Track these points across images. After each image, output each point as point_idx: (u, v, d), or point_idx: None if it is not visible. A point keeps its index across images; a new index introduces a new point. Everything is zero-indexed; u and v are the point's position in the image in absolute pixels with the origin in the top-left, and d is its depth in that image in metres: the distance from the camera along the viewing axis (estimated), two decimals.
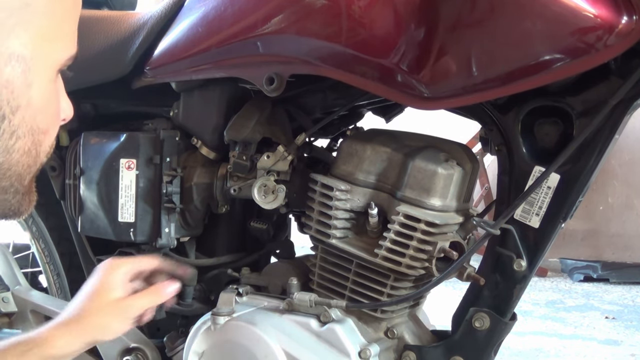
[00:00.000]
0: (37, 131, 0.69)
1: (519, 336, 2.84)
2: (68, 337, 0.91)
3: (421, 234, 0.91)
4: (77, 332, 0.92)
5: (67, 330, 0.92)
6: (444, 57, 0.82)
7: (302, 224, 1.06)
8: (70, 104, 0.81)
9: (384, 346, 0.98)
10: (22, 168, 0.70)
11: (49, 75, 0.71)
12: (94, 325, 0.93)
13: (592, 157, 0.89)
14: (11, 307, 1.34)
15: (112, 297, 0.94)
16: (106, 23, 1.16)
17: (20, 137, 0.67)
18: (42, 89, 0.69)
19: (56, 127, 0.76)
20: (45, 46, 0.68)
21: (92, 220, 1.17)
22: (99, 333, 0.94)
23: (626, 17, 0.75)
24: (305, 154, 1.11)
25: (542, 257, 0.94)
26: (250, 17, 0.95)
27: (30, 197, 0.75)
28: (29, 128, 0.68)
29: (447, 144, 0.98)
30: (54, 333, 0.91)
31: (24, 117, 0.67)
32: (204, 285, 1.15)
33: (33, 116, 0.68)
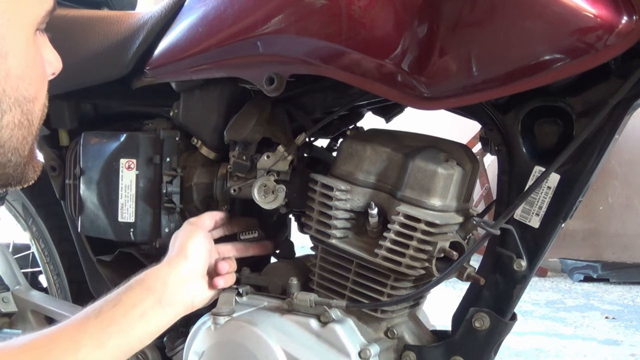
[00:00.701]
0: (23, 101, 0.66)
1: (519, 336, 2.84)
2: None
3: (421, 234, 0.91)
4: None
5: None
6: (444, 57, 0.82)
7: (302, 224, 1.06)
8: (57, 55, 0.74)
9: (384, 346, 0.98)
10: (16, 142, 0.66)
11: (26, 37, 0.65)
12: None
13: (592, 157, 0.89)
14: (11, 307, 1.34)
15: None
16: (106, 23, 1.16)
17: (6, 112, 0.64)
18: (21, 56, 0.64)
19: (44, 89, 0.71)
20: (18, 7, 0.63)
21: (92, 220, 1.17)
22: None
23: (626, 17, 0.75)
24: (305, 154, 1.11)
25: (542, 257, 0.94)
26: (250, 17, 0.95)
27: (35, 165, 0.72)
28: (13, 100, 0.64)
29: (447, 144, 0.98)
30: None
31: (4, 90, 0.63)
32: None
33: (15, 86, 0.64)
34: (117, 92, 1.17)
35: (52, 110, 1.25)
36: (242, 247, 1.07)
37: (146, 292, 0.90)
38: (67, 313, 1.28)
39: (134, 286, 0.91)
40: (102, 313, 0.86)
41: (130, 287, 0.91)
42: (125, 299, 0.89)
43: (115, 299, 0.88)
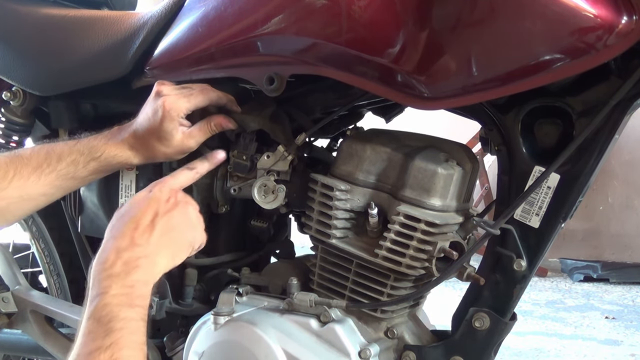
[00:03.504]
0: None
1: (519, 336, 2.84)
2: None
3: (421, 234, 0.91)
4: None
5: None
6: (444, 57, 0.82)
7: (302, 224, 1.06)
8: None
9: (384, 346, 0.98)
10: None
11: None
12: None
13: (592, 157, 0.89)
14: (11, 307, 1.34)
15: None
16: (106, 23, 1.16)
17: None
18: None
19: None
20: None
21: (92, 220, 1.17)
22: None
23: (626, 17, 0.75)
24: (305, 154, 1.11)
25: (542, 257, 0.94)
26: (250, 17, 0.95)
27: None
28: None
29: (447, 144, 0.98)
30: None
31: None
32: (204, 285, 1.15)
33: None
34: (117, 92, 1.17)
35: (52, 110, 1.26)
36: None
37: None
38: (67, 313, 1.28)
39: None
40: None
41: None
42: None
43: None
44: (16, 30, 1.24)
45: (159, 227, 0.87)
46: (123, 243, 0.85)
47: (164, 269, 0.87)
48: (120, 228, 0.87)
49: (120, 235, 0.86)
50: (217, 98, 1.00)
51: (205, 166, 1.01)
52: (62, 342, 1.31)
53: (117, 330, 0.76)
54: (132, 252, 0.84)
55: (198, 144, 1.01)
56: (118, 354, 0.74)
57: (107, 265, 0.82)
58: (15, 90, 1.26)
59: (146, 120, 0.99)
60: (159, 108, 0.97)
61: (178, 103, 0.97)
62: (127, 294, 0.80)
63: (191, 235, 0.92)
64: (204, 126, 1.00)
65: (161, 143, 0.99)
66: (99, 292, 0.80)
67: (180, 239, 0.90)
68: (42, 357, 1.38)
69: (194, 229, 0.93)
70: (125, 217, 0.88)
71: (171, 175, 0.97)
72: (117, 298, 0.79)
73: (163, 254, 0.87)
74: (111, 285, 0.80)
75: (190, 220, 0.92)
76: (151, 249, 0.85)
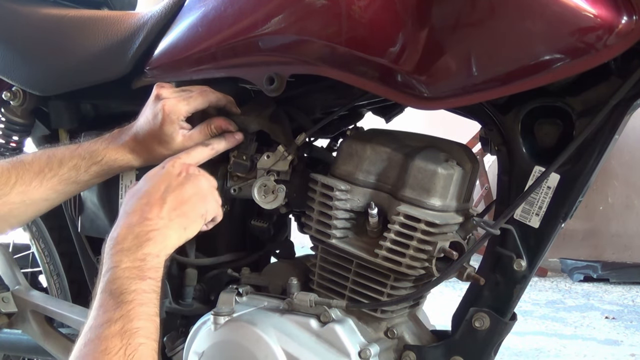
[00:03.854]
0: None
1: (519, 336, 2.84)
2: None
3: (421, 234, 0.91)
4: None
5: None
6: (444, 57, 0.82)
7: (302, 224, 1.06)
8: None
9: (384, 346, 0.98)
10: None
11: None
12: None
13: (592, 157, 0.89)
14: (11, 307, 1.34)
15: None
16: (106, 23, 1.16)
17: None
18: None
19: None
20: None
21: (92, 220, 1.17)
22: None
23: (626, 17, 0.75)
24: (305, 154, 1.11)
25: (542, 257, 0.94)
26: (250, 17, 0.95)
27: None
28: None
29: (447, 144, 0.98)
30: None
31: None
32: (204, 285, 1.15)
33: None
34: (117, 92, 1.17)
35: (52, 110, 1.26)
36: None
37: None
38: (67, 313, 1.28)
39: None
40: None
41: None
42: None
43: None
44: (16, 30, 1.24)
45: (170, 200, 0.88)
46: (134, 218, 0.86)
47: (177, 242, 0.88)
48: (131, 204, 0.88)
49: (131, 211, 0.87)
50: (217, 100, 1.01)
51: (222, 144, 1.01)
52: (62, 342, 1.31)
53: (128, 303, 0.77)
54: (143, 226, 0.85)
55: None
56: (129, 325, 0.75)
57: (119, 240, 0.84)
58: (15, 90, 1.26)
59: (146, 124, 0.99)
60: (158, 111, 0.97)
61: (178, 106, 0.97)
62: (138, 267, 0.81)
63: (203, 207, 0.92)
64: (204, 129, 1.00)
65: (162, 146, 0.99)
66: (111, 267, 0.81)
67: (192, 212, 0.90)
68: (42, 357, 1.38)
69: (206, 201, 0.93)
70: (137, 193, 0.89)
71: (185, 151, 0.98)
72: (128, 271, 0.80)
73: (174, 227, 0.87)
74: (122, 260, 0.81)
75: (202, 193, 0.92)
76: (162, 223, 0.86)
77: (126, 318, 0.76)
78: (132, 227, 0.85)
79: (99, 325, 0.75)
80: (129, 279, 0.80)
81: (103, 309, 0.77)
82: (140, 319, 0.77)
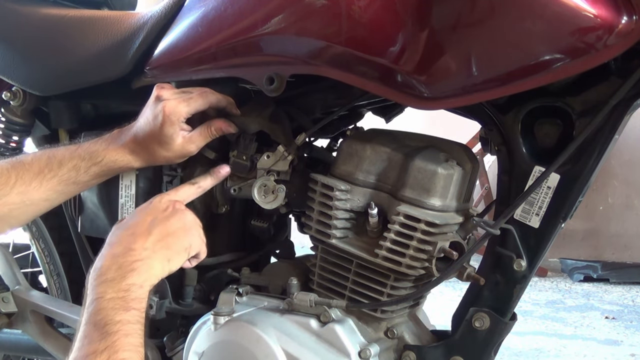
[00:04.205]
0: None
1: (519, 336, 2.84)
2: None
3: (421, 234, 0.91)
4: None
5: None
6: (444, 57, 0.82)
7: (302, 224, 1.06)
8: None
9: (384, 346, 0.98)
10: None
11: None
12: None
13: (592, 157, 0.89)
14: (11, 307, 1.34)
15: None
16: (106, 23, 1.16)
17: None
18: None
19: None
20: None
21: (92, 220, 1.17)
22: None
23: (626, 17, 0.75)
24: (305, 154, 1.11)
25: (542, 257, 0.94)
26: (250, 17, 0.95)
27: None
28: None
29: (447, 144, 0.98)
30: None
31: None
32: (204, 285, 1.15)
33: None
34: (117, 92, 1.17)
35: (52, 110, 1.26)
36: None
37: None
38: (67, 313, 1.28)
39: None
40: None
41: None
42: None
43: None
44: (16, 30, 1.24)
45: (155, 232, 0.89)
46: (118, 249, 0.86)
47: (160, 273, 0.88)
48: (116, 235, 0.89)
49: (116, 242, 0.88)
50: (217, 101, 1.01)
51: (208, 182, 1.02)
52: (62, 342, 1.31)
53: (113, 334, 0.77)
54: (127, 257, 0.85)
55: (198, 148, 1.01)
56: (114, 357, 0.75)
57: (103, 271, 0.84)
58: (15, 90, 1.26)
59: (146, 125, 0.99)
60: (159, 113, 0.97)
61: (178, 108, 0.97)
62: (122, 297, 0.81)
63: (187, 241, 0.93)
64: (204, 131, 1.00)
65: (162, 147, 0.99)
66: (95, 298, 0.81)
67: (176, 244, 0.91)
68: (42, 357, 1.38)
69: (190, 235, 0.94)
70: (123, 226, 0.90)
71: (174, 189, 0.99)
72: (113, 302, 0.80)
73: (158, 258, 0.88)
74: (106, 291, 0.81)
75: (187, 227, 0.94)
76: (146, 253, 0.87)
77: (111, 349, 0.76)
78: (116, 257, 0.85)
79: (84, 357, 0.75)
80: (113, 310, 0.79)
81: (87, 339, 0.77)
82: (125, 350, 0.76)
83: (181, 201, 0.97)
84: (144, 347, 0.80)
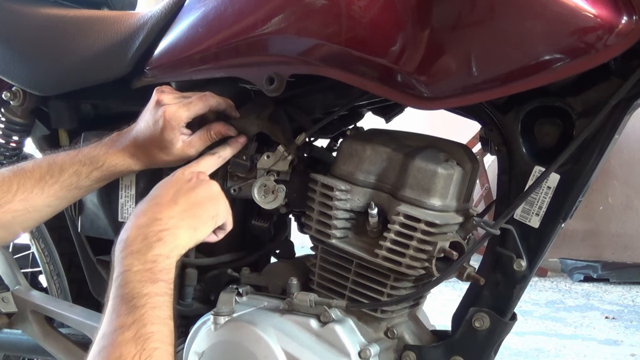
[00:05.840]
0: None
1: (519, 336, 2.84)
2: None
3: (421, 234, 0.91)
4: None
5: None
6: (444, 57, 0.82)
7: (302, 224, 1.06)
8: None
9: (384, 346, 0.98)
10: None
11: None
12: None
13: (592, 157, 0.89)
14: (11, 307, 1.34)
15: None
16: (106, 23, 1.16)
17: None
18: None
19: None
20: None
21: (92, 220, 1.17)
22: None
23: (626, 17, 0.75)
24: (305, 154, 1.11)
25: (542, 257, 0.94)
26: (250, 17, 0.95)
27: None
28: None
29: (447, 144, 0.98)
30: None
31: None
32: (204, 285, 1.15)
33: None
34: (117, 92, 1.17)
35: (52, 110, 1.26)
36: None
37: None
38: (67, 313, 1.28)
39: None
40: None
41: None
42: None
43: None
44: (16, 30, 1.24)
45: (181, 202, 0.88)
46: (143, 219, 0.86)
47: (187, 243, 0.88)
48: (141, 207, 0.88)
49: (140, 213, 0.87)
50: (217, 104, 1.01)
51: (227, 151, 1.02)
52: (62, 342, 1.31)
53: (140, 307, 0.77)
54: (153, 226, 0.85)
55: (198, 152, 1.01)
56: (143, 330, 0.75)
57: (128, 243, 0.83)
58: (15, 90, 1.26)
59: (146, 129, 0.99)
60: (159, 118, 0.97)
61: (178, 113, 0.97)
62: (149, 269, 0.81)
63: (214, 209, 0.92)
64: (204, 135, 1.01)
65: (162, 151, 0.99)
66: (122, 271, 0.81)
67: (203, 213, 0.90)
68: (42, 357, 1.38)
69: (217, 204, 0.93)
70: (147, 199, 0.90)
71: (195, 161, 0.99)
72: (140, 274, 0.80)
73: (185, 227, 0.87)
74: (133, 263, 0.81)
75: (214, 196, 0.93)
76: (172, 222, 0.86)
77: (139, 323, 0.75)
78: (141, 227, 0.85)
79: (112, 332, 0.75)
80: (140, 283, 0.79)
81: (115, 314, 0.77)
82: (154, 323, 0.76)
83: (204, 172, 0.97)
84: (172, 319, 0.79)
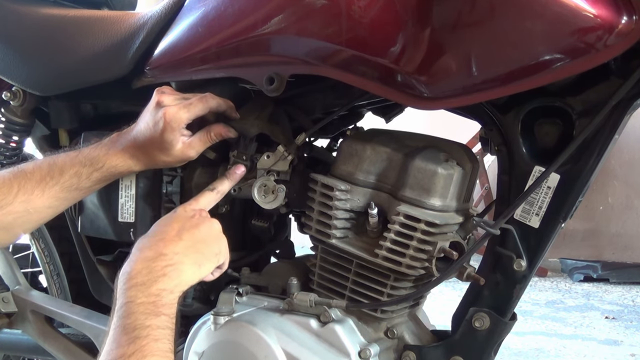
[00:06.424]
0: None
1: (519, 336, 2.84)
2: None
3: (421, 234, 0.91)
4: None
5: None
6: (444, 57, 0.82)
7: (302, 224, 1.06)
8: None
9: (384, 346, 0.98)
10: None
11: None
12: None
13: (592, 157, 0.89)
14: (11, 307, 1.34)
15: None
16: (106, 23, 1.16)
17: None
18: None
19: None
20: None
21: (92, 220, 1.17)
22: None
23: (626, 17, 0.75)
24: (305, 154, 1.11)
25: (542, 257, 0.94)
26: (250, 17, 0.95)
27: None
28: None
29: (447, 144, 0.98)
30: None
31: None
32: (204, 285, 1.15)
33: None
34: (117, 92, 1.17)
35: (52, 110, 1.26)
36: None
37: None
38: (67, 313, 1.28)
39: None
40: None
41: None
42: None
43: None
44: (16, 30, 1.24)
45: (186, 238, 0.89)
46: (149, 253, 0.86)
47: (191, 279, 0.88)
48: (145, 242, 0.89)
49: (146, 247, 0.87)
50: (217, 105, 1.01)
51: (225, 185, 1.03)
52: (62, 342, 1.31)
53: (142, 338, 0.77)
54: (158, 261, 0.85)
55: (198, 153, 1.01)
56: None
57: (132, 275, 0.83)
58: (15, 90, 1.26)
59: (147, 130, 0.99)
60: (159, 119, 0.98)
61: (179, 114, 0.97)
62: (153, 302, 0.81)
63: (217, 247, 0.94)
64: (204, 136, 1.01)
65: (162, 153, 1.00)
66: (125, 302, 0.81)
67: (207, 250, 0.91)
68: (42, 357, 1.39)
69: (220, 243, 0.95)
70: (150, 234, 0.90)
71: (194, 198, 1.00)
72: (143, 306, 0.80)
73: (189, 263, 0.88)
74: (137, 295, 0.81)
75: (216, 234, 0.94)
76: (177, 258, 0.86)
77: (140, 353, 0.75)
78: (146, 261, 0.85)
79: None
80: (143, 314, 0.79)
81: (116, 344, 0.77)
82: (154, 354, 0.76)
83: (204, 209, 0.98)
84: (173, 353, 0.79)
